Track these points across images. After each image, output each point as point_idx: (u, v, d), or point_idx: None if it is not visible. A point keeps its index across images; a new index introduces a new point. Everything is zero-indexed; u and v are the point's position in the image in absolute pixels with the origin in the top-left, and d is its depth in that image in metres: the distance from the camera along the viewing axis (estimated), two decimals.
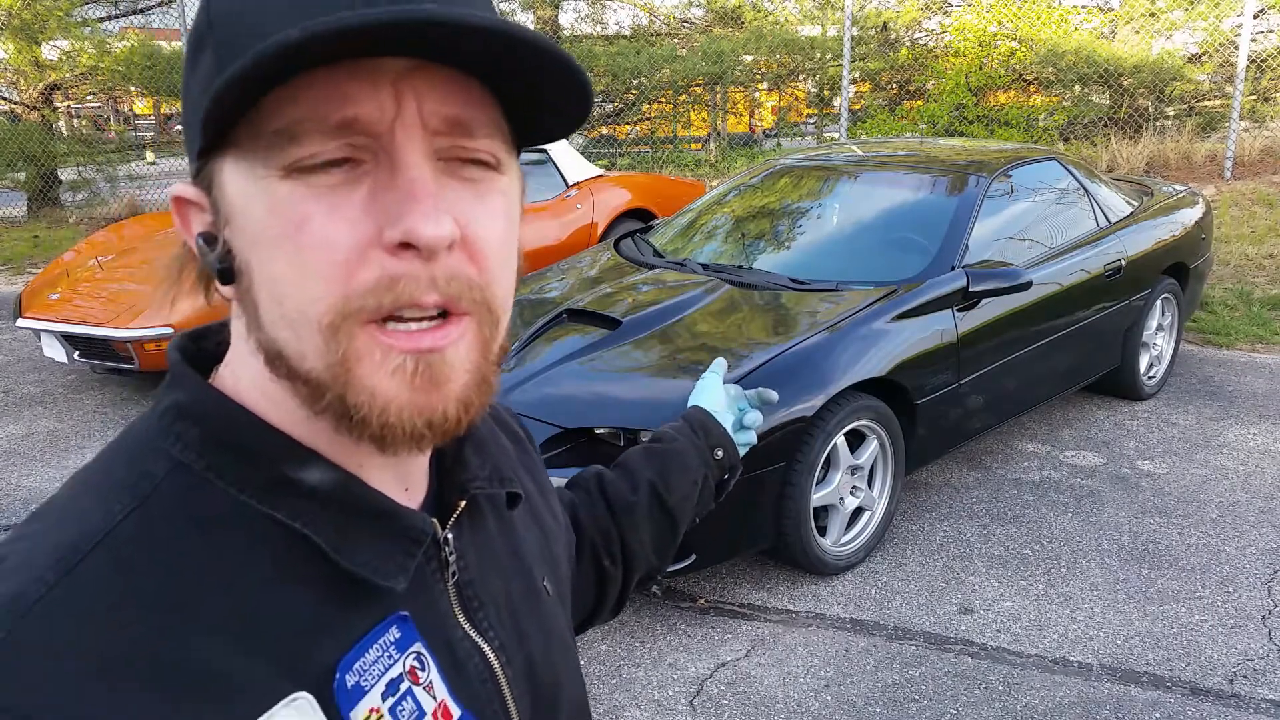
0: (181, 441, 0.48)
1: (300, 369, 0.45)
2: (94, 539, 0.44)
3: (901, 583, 2.85)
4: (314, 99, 0.42)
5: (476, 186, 0.46)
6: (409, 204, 0.42)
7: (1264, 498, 3.33)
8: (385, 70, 0.42)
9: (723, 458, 0.92)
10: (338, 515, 0.48)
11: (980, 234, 3.40)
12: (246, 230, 0.45)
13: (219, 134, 0.43)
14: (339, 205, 0.43)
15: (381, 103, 0.42)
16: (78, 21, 9.69)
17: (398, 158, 0.43)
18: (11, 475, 3.70)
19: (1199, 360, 4.73)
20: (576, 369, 2.83)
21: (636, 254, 3.80)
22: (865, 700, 2.33)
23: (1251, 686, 2.36)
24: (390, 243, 0.43)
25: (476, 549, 0.57)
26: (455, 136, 0.44)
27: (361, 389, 0.44)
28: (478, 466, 0.58)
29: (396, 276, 0.43)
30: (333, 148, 0.42)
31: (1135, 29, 8.25)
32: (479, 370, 0.47)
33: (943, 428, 3.16)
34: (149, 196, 9.95)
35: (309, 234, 0.43)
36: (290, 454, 0.48)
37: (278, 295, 0.44)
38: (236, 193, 0.45)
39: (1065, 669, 2.44)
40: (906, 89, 9.24)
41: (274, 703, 0.44)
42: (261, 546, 0.47)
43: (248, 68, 0.39)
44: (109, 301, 4.24)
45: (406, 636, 0.50)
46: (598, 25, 11.83)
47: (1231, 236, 6.37)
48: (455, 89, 0.44)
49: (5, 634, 0.40)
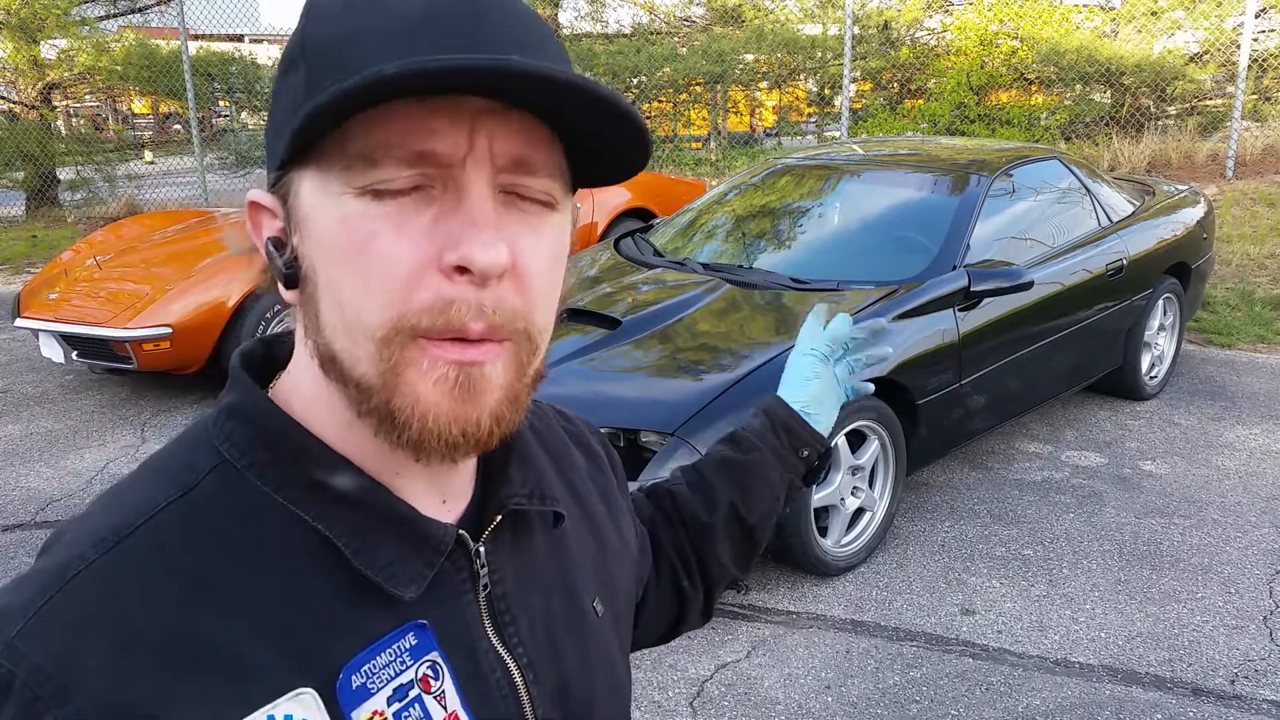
0: (229, 440, 0.52)
1: (352, 373, 0.48)
2: (136, 523, 0.48)
3: (903, 583, 2.84)
4: (397, 128, 0.45)
5: (531, 220, 0.49)
6: (470, 230, 0.46)
7: (1266, 498, 3.32)
8: (465, 108, 0.46)
9: (809, 455, 0.86)
10: (361, 520, 0.51)
11: (982, 233, 3.39)
12: (316, 240, 0.48)
13: (305, 149, 0.47)
14: (405, 226, 0.46)
15: (457, 139, 0.46)
16: (76, 20, 9.67)
17: (465, 188, 0.46)
18: (10, 475, 3.69)
19: (1201, 360, 4.71)
20: (576, 369, 2.82)
21: (636, 253, 3.79)
22: (866, 701, 2.33)
23: (1253, 687, 2.35)
24: (448, 265, 0.46)
25: (516, 563, 0.58)
26: (518, 174, 0.48)
27: (406, 394, 0.48)
28: (519, 483, 0.59)
29: (450, 300, 0.46)
30: (407, 175, 0.46)
31: (1137, 28, 8.23)
32: (512, 389, 0.50)
33: (944, 428, 3.15)
34: (147, 196, 9.93)
35: (375, 250, 0.46)
36: (322, 459, 0.51)
37: (338, 303, 0.48)
38: (311, 205, 0.48)
39: (1067, 670, 2.43)
40: (908, 88, 9.23)
41: (280, 694, 0.46)
42: (289, 544, 0.50)
43: (339, 98, 0.42)
44: (107, 301, 4.22)
45: (423, 644, 0.52)
46: (598, 24, 11.82)
47: (1233, 236, 6.36)
48: (524, 131, 0.47)
49: (44, 602, 0.45)
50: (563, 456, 0.68)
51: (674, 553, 0.82)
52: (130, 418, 4.25)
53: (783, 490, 0.85)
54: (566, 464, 0.68)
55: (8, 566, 3.03)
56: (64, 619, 0.45)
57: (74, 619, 0.45)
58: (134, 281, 4.37)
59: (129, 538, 0.48)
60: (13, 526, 3.29)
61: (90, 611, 0.45)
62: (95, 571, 0.46)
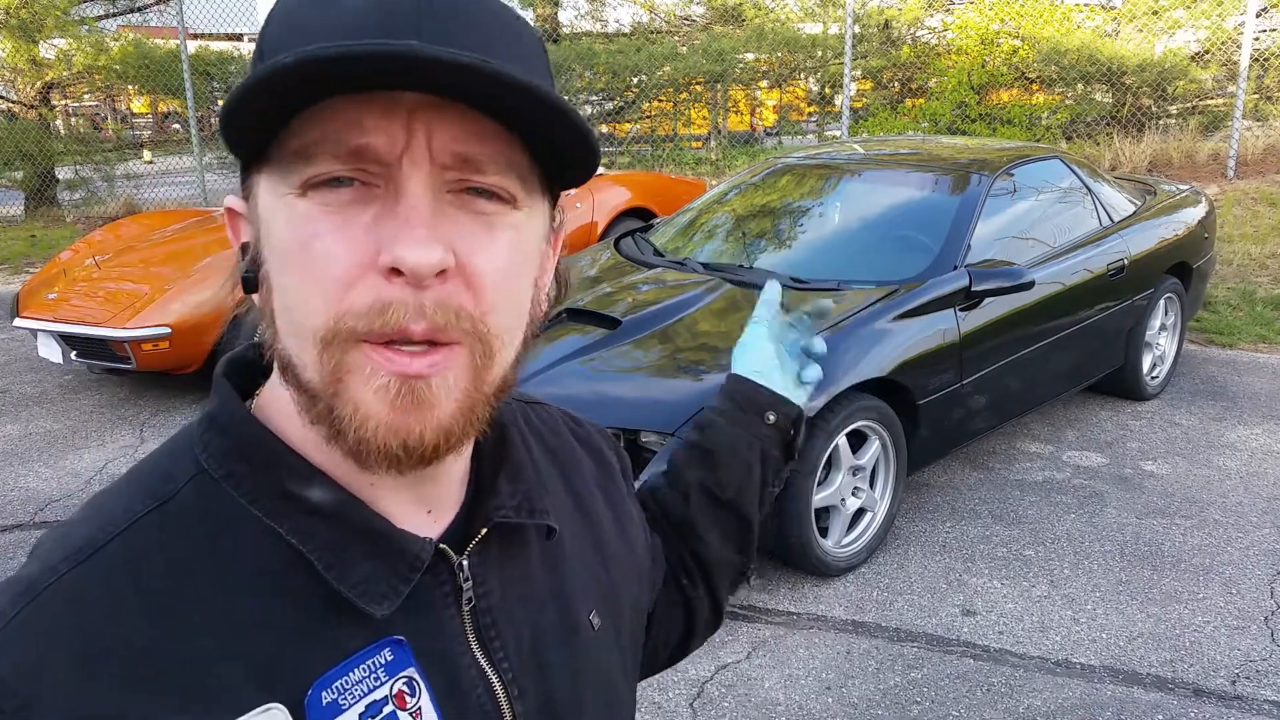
0: (207, 450, 0.51)
1: (301, 378, 0.48)
2: (112, 534, 0.48)
3: (903, 584, 2.83)
4: (332, 124, 0.44)
5: (488, 219, 0.47)
6: (403, 230, 0.44)
7: (1267, 498, 3.31)
8: (401, 103, 0.44)
9: (777, 419, 0.81)
10: (335, 534, 0.50)
11: (983, 233, 3.38)
12: (269, 242, 0.48)
13: (255, 152, 0.47)
14: (345, 225, 0.45)
15: (393, 134, 0.44)
16: (75, 20, 9.66)
17: (402, 187, 0.45)
18: (9, 475, 3.68)
19: (1202, 360, 4.71)
20: (576, 369, 2.81)
21: (636, 253, 3.78)
22: (867, 702, 2.32)
23: (1254, 688, 2.34)
24: (383, 266, 0.45)
25: (504, 576, 0.57)
26: (464, 171, 0.46)
27: (347, 400, 0.46)
28: (508, 495, 0.57)
29: (388, 302, 0.45)
30: (342, 169, 0.45)
31: (1138, 27, 8.22)
32: (467, 399, 0.48)
33: (945, 428, 3.14)
34: (146, 195, 9.92)
35: (315, 250, 0.45)
36: (297, 471, 0.50)
37: (286, 306, 0.47)
38: (265, 207, 0.48)
39: (1068, 670, 2.43)
40: (908, 87, 9.22)
41: (248, 709, 0.46)
42: (262, 557, 0.49)
43: (246, 89, 0.42)
44: (106, 301, 4.21)
45: (399, 660, 0.51)
46: (598, 23, 11.80)
47: (1235, 236, 6.35)
48: (470, 127, 0.46)
49: (14, 614, 0.45)
50: (569, 464, 0.67)
51: (668, 551, 0.80)
52: (129, 418, 4.24)
53: (755, 459, 0.81)
54: (573, 471, 0.67)
55: (7, 567, 3.02)
56: (33, 631, 0.44)
57: (42, 632, 0.44)
58: (133, 281, 4.36)
59: (101, 550, 0.47)
60: (12, 527, 3.28)
61: (58, 625, 0.45)
62: (66, 584, 0.46)
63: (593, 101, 10.47)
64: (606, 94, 10.37)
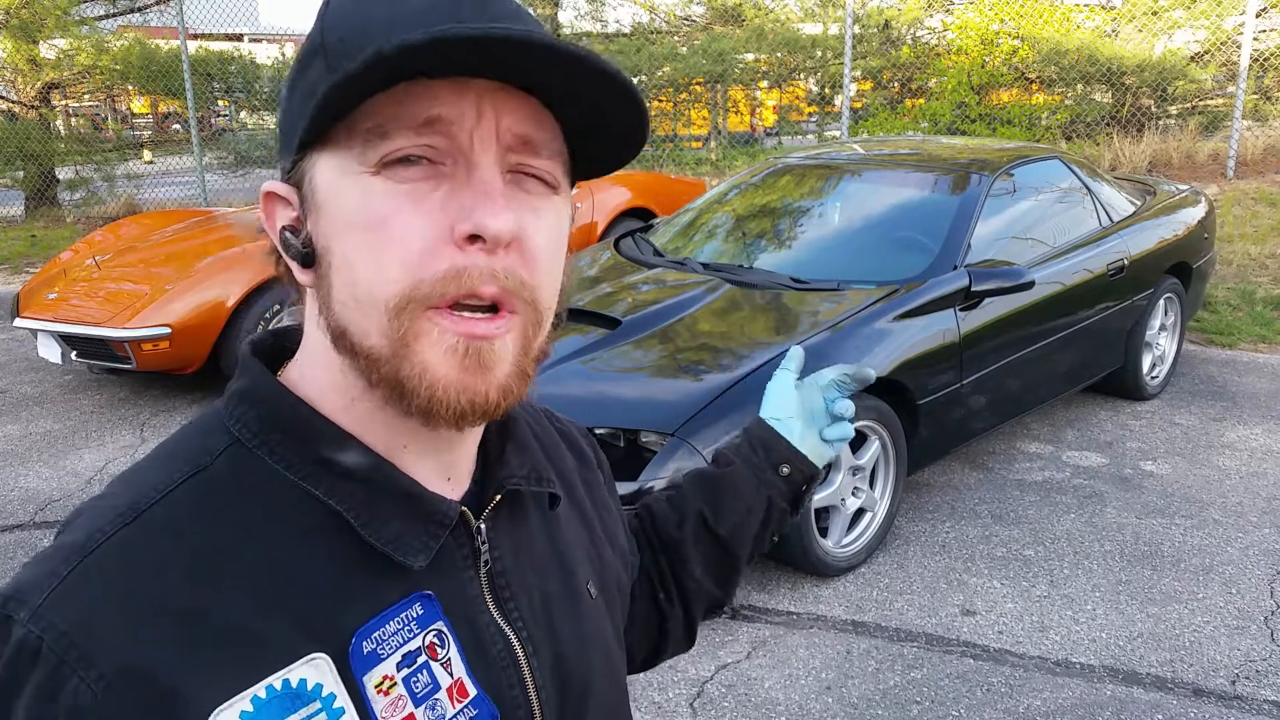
0: (240, 422, 0.54)
1: (362, 345, 0.50)
2: (153, 499, 0.50)
3: (903, 584, 2.84)
4: (406, 100, 0.48)
5: (534, 200, 0.52)
6: (481, 200, 0.48)
7: (1267, 498, 3.31)
8: (472, 86, 0.48)
9: (790, 473, 0.83)
10: (369, 495, 0.53)
11: (983, 233, 3.39)
12: (334, 220, 0.50)
13: (318, 134, 0.49)
14: (421, 202, 0.49)
15: (464, 110, 0.48)
16: (75, 20, 9.66)
17: (474, 162, 0.49)
18: (9, 475, 3.68)
19: (1202, 360, 4.71)
20: (576, 369, 2.81)
21: (636, 253, 3.78)
22: (867, 702, 2.32)
23: (1254, 688, 2.35)
24: (461, 235, 0.48)
25: (514, 543, 0.61)
26: (524, 154, 0.51)
27: (415, 363, 0.50)
28: (517, 465, 0.62)
29: (463, 268, 0.49)
30: (417, 143, 0.48)
31: (1138, 27, 8.22)
32: (519, 364, 0.52)
33: (945, 428, 3.14)
34: (146, 196, 9.92)
35: (393, 226, 0.49)
36: (331, 437, 0.54)
37: (353, 279, 0.50)
38: (327, 185, 0.50)
39: (1067, 670, 2.43)
40: (908, 87, 9.22)
41: (294, 659, 0.48)
42: (299, 519, 0.52)
43: (355, 72, 0.44)
44: (106, 301, 4.22)
45: (429, 614, 0.54)
46: (598, 23, 11.80)
47: (1234, 236, 6.35)
48: (530, 112, 0.50)
49: (68, 572, 0.47)
50: (552, 447, 0.70)
51: (650, 564, 0.82)
52: (129, 418, 4.24)
53: (759, 505, 0.82)
54: (556, 455, 0.70)
55: (7, 567, 3.02)
56: (86, 589, 0.47)
57: (95, 590, 0.47)
58: (133, 281, 4.36)
59: (145, 513, 0.50)
60: (12, 527, 3.28)
61: (110, 583, 0.47)
62: (114, 546, 0.48)
63: None
64: None
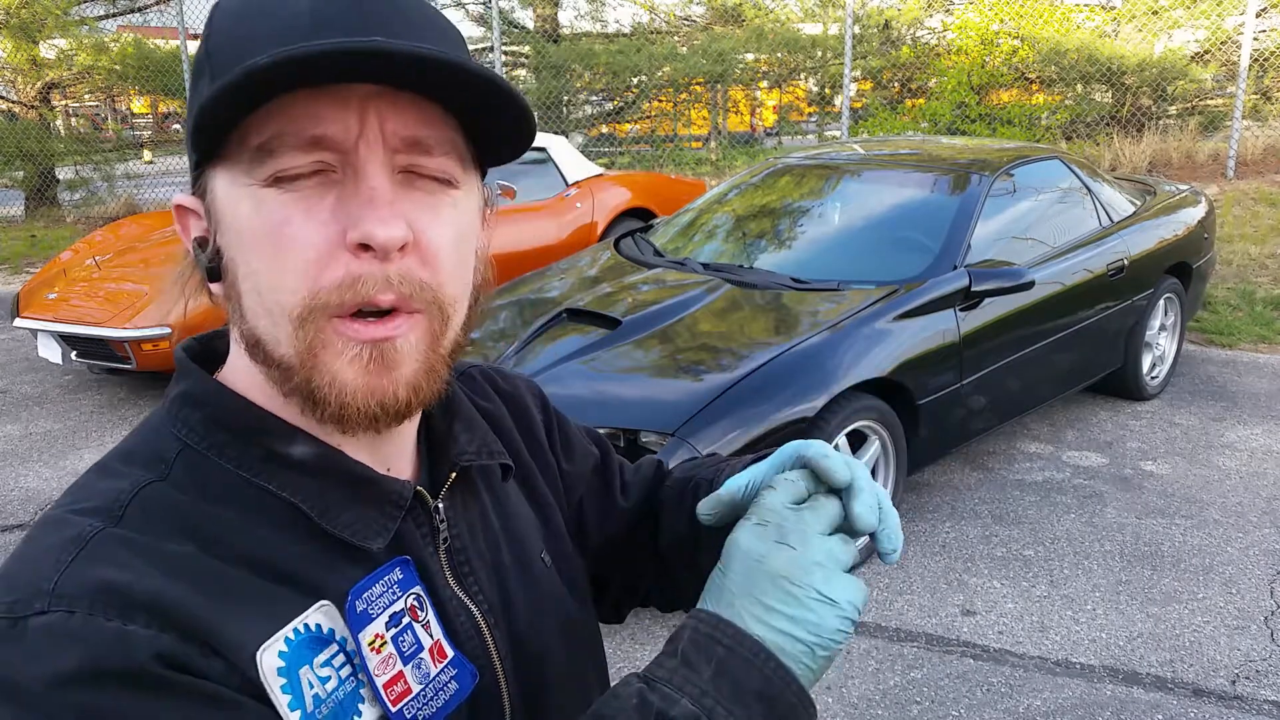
0: (187, 426, 0.55)
1: (274, 354, 0.51)
2: (125, 500, 0.50)
3: (903, 584, 2.84)
4: (290, 118, 0.48)
5: (431, 199, 0.52)
6: (368, 209, 0.49)
7: (1267, 498, 3.31)
8: (353, 94, 0.49)
9: None
10: (322, 484, 0.54)
11: (982, 233, 3.39)
12: (233, 232, 0.51)
13: (210, 148, 0.50)
14: (312, 210, 0.49)
15: (347, 122, 0.49)
16: (75, 20, 9.67)
17: (360, 170, 0.49)
18: (9, 476, 3.68)
19: (1202, 360, 4.71)
20: (576, 369, 2.81)
21: (636, 253, 3.79)
22: (867, 702, 2.32)
23: (1254, 688, 2.35)
24: (352, 243, 0.49)
25: (468, 518, 0.63)
26: (413, 154, 0.51)
27: (324, 373, 0.51)
28: (466, 442, 0.63)
29: (358, 275, 0.49)
30: (305, 162, 0.49)
31: (1138, 27, 8.22)
32: (427, 360, 0.53)
33: (945, 428, 3.14)
34: (146, 196, 9.92)
35: (286, 234, 0.49)
36: (277, 432, 0.54)
37: (257, 289, 0.51)
38: (225, 199, 0.51)
39: (1067, 670, 2.43)
40: (908, 87, 9.22)
41: (306, 607, 0.51)
42: (261, 514, 0.53)
43: (223, 91, 0.45)
44: (106, 301, 4.22)
45: (408, 579, 0.56)
46: (598, 23, 11.79)
47: (1234, 236, 6.35)
48: (416, 112, 0.50)
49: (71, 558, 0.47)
50: (497, 419, 0.71)
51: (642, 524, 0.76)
52: (129, 418, 4.24)
53: None
54: (501, 427, 0.71)
55: None
56: (98, 563, 0.47)
57: (107, 562, 0.47)
58: (133, 281, 4.36)
59: (126, 509, 0.50)
60: (12, 527, 3.29)
61: (119, 558, 0.48)
62: (107, 536, 0.48)
63: (593, 102, 10.48)
64: (607, 94, 10.37)
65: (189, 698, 0.45)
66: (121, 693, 0.43)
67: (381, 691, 0.52)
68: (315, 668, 0.50)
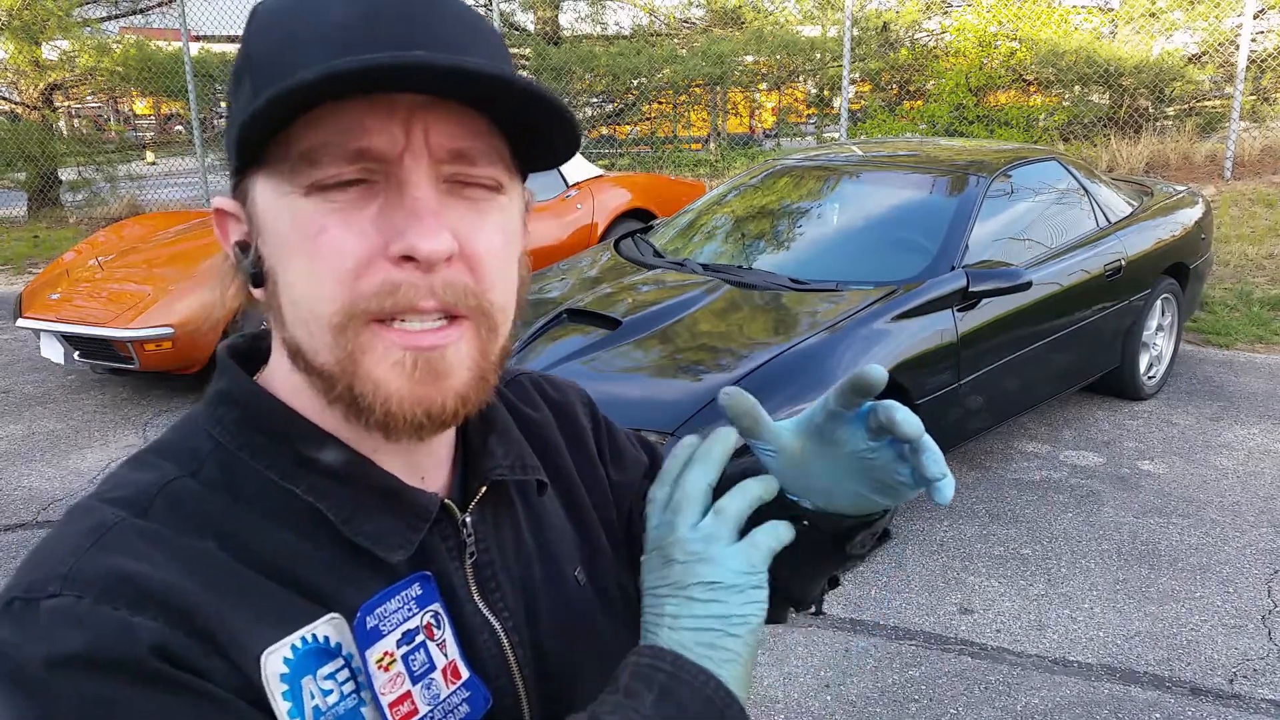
0: (221, 425, 0.55)
1: (315, 364, 0.51)
2: (153, 492, 0.51)
3: (901, 583, 2.85)
4: (335, 128, 0.47)
5: (478, 205, 0.51)
6: (412, 221, 0.48)
7: (1264, 498, 3.33)
8: (399, 104, 0.48)
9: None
10: (349, 492, 0.54)
11: (980, 234, 3.40)
12: (273, 239, 0.51)
13: (252, 155, 0.50)
14: (352, 219, 0.49)
15: (393, 134, 0.48)
16: (78, 22, 9.69)
17: (405, 181, 0.48)
18: (12, 475, 3.70)
19: (1199, 360, 4.72)
20: (577, 369, 2.83)
21: (636, 254, 3.80)
22: (865, 700, 2.34)
23: (1251, 686, 2.36)
24: (394, 255, 0.48)
25: (498, 533, 0.61)
26: (459, 165, 0.50)
27: (367, 379, 0.50)
28: (501, 455, 0.62)
29: (397, 283, 0.48)
30: (349, 171, 0.48)
31: (1135, 29, 8.24)
32: (478, 368, 0.52)
33: (943, 428, 3.16)
34: (149, 196, 9.94)
35: (323, 243, 0.49)
36: (309, 436, 0.54)
37: (295, 298, 0.51)
38: (265, 206, 0.51)
39: (1065, 669, 2.44)
40: (906, 89, 9.24)
41: (317, 617, 0.51)
42: (286, 518, 0.53)
43: (269, 104, 0.45)
44: (109, 301, 4.23)
45: (427, 595, 0.55)
46: (598, 26, 11.81)
47: (1231, 236, 6.37)
48: (461, 122, 0.49)
49: (90, 545, 0.48)
50: (539, 430, 0.69)
51: None
52: (132, 418, 4.26)
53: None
54: (543, 437, 0.69)
55: (9, 567, 3.04)
56: (115, 552, 0.47)
57: (124, 552, 0.48)
58: (136, 282, 4.38)
59: (153, 502, 0.51)
60: (14, 526, 3.30)
61: (136, 549, 0.48)
62: (129, 526, 0.49)
63: (593, 104, 10.49)
64: (607, 96, 10.39)
65: (180, 694, 0.45)
66: (116, 681, 0.44)
67: (386, 711, 0.51)
68: (318, 679, 0.50)
